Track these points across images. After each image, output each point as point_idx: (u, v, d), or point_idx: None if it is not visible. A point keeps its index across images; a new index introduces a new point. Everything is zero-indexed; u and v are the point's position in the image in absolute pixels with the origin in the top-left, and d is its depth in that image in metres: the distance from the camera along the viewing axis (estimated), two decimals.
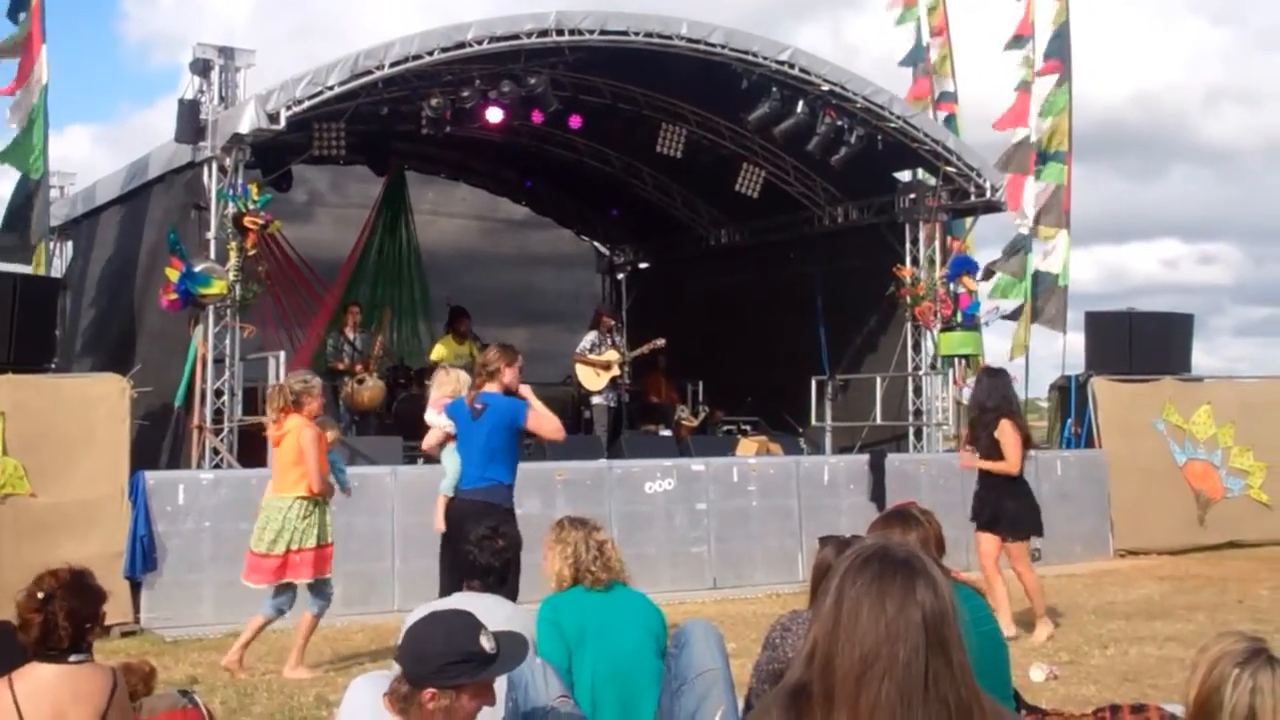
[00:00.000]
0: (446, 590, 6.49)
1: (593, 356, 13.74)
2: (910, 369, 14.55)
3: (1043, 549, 13.02)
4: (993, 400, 8.69)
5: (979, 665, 2.11)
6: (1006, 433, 8.50)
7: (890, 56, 17.25)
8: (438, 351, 13.64)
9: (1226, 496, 14.24)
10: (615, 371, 13.82)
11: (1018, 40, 16.72)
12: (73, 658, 3.64)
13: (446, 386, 7.81)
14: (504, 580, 4.75)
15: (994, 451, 8.56)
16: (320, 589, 7.66)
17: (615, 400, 14.06)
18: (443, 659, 3.21)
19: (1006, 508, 8.59)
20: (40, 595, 3.63)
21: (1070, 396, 14.38)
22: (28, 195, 11.57)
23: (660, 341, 14.13)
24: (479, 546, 4.76)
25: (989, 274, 15.98)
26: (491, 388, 7.17)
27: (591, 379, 13.74)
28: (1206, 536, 13.90)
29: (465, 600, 4.48)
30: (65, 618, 3.62)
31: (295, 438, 7.48)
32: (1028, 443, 8.82)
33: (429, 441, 7.66)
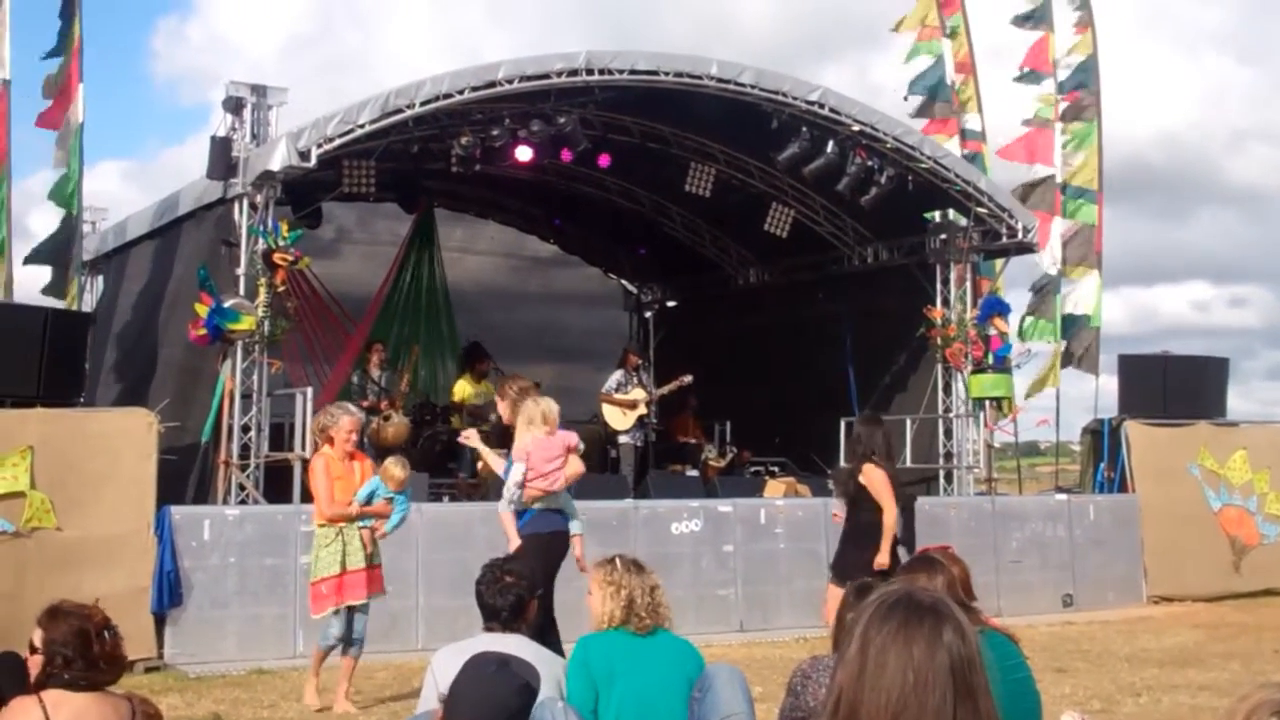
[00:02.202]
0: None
1: (619, 396, 13.71)
2: (941, 411, 14.41)
3: (1075, 595, 12.88)
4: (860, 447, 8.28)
5: (1009, 713, 2.06)
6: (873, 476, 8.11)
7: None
8: (460, 391, 13.63)
9: (1262, 543, 14.00)
10: (642, 410, 13.78)
11: (1033, 75, 16.63)
12: (108, 687, 3.74)
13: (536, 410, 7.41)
14: (519, 616, 4.68)
15: (862, 496, 8.03)
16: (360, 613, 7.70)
17: (642, 439, 14.01)
18: (517, 709, 3.20)
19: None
20: (108, 632, 3.73)
21: (1103, 440, 14.20)
22: (69, 231, 11.70)
23: (687, 378, 14.06)
24: (486, 587, 4.70)
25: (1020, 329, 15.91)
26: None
27: (618, 418, 13.69)
28: (1242, 583, 13.68)
29: (490, 643, 4.42)
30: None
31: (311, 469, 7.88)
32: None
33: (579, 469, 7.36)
